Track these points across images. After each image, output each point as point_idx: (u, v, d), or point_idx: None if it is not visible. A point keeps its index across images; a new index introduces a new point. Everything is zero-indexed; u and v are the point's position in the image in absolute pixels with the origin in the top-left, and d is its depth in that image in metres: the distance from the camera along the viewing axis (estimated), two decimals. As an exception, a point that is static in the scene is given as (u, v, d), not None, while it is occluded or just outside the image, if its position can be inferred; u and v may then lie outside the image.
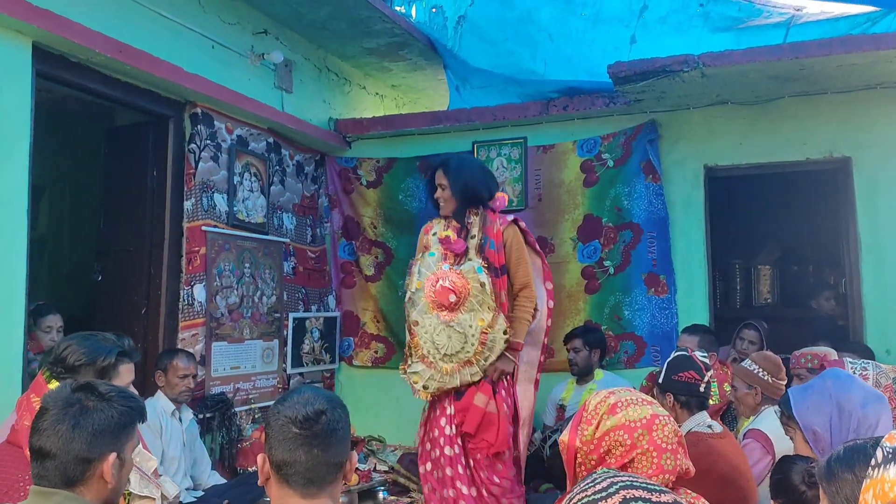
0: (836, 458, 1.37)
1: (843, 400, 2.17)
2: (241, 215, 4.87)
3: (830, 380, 2.26)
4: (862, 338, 4.66)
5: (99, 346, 2.40)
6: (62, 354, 2.32)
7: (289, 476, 1.55)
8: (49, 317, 3.96)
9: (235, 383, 4.79)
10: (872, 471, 1.20)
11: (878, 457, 1.21)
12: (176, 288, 4.45)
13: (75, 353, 2.33)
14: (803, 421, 2.20)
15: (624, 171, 5.18)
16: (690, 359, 2.92)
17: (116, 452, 1.68)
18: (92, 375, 2.30)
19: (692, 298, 5.02)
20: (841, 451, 1.38)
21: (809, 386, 2.30)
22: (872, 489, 1.18)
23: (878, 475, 1.18)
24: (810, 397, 2.23)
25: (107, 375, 2.38)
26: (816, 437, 2.16)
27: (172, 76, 4.19)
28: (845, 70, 4.32)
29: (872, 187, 4.70)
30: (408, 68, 6.27)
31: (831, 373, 2.34)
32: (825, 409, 2.17)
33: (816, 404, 2.20)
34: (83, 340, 2.42)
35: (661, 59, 4.35)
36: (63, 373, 2.30)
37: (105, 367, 2.37)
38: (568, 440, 1.80)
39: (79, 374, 2.30)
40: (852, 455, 1.34)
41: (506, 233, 3.78)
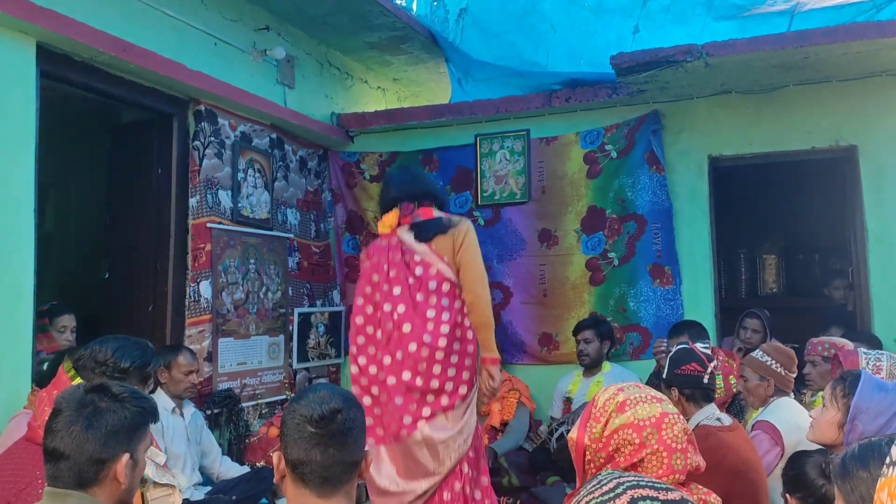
0: (851, 456, 1.35)
1: None
2: (245, 211, 4.88)
3: None
4: (870, 326, 4.65)
5: (147, 353, 2.44)
6: (112, 358, 2.30)
7: (304, 475, 1.56)
8: (64, 316, 3.96)
9: (242, 379, 4.80)
10: (887, 469, 1.19)
11: (894, 455, 1.19)
12: (182, 285, 4.46)
13: (129, 357, 2.33)
14: (854, 412, 2.11)
15: (627, 162, 5.17)
16: (692, 351, 2.92)
17: (129, 453, 1.69)
18: (137, 379, 2.33)
19: (697, 289, 5.02)
20: (856, 449, 1.36)
21: (885, 388, 2.18)
22: (888, 488, 1.16)
23: (892, 473, 1.17)
24: (879, 400, 2.12)
25: (149, 380, 2.43)
26: (854, 432, 2.09)
27: (176, 74, 4.19)
28: (850, 58, 4.29)
29: (879, 175, 4.68)
30: (409, 62, 6.26)
31: None
32: (882, 419, 2.09)
33: (880, 410, 2.10)
34: (127, 343, 2.42)
35: (665, 50, 4.33)
36: (115, 374, 2.29)
37: (150, 373, 2.43)
38: (577, 437, 1.79)
39: (130, 376, 2.31)
40: (867, 453, 1.32)
41: None
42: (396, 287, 3.22)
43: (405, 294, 3.19)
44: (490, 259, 5.51)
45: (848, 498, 1.31)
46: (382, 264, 3.29)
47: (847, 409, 2.13)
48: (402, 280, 3.22)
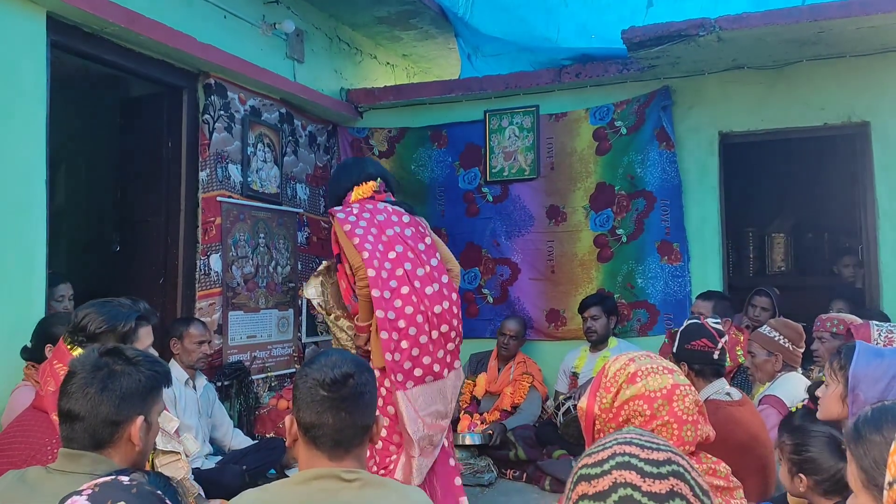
0: (864, 420, 1.35)
1: None
2: (255, 186, 4.89)
3: None
4: (878, 304, 4.64)
5: (118, 312, 2.42)
6: (82, 323, 2.34)
7: (316, 438, 1.58)
8: (60, 286, 3.98)
9: (252, 352, 4.84)
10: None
11: None
12: (192, 258, 4.48)
13: (95, 321, 2.35)
14: (853, 382, 2.11)
15: (637, 138, 5.14)
16: (703, 326, 2.91)
17: (143, 415, 1.72)
18: (113, 341, 2.33)
19: (705, 266, 5.01)
20: (869, 413, 1.36)
21: (881, 354, 2.18)
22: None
23: None
24: (875, 366, 2.12)
25: (128, 340, 2.41)
26: (856, 402, 2.08)
27: (185, 46, 4.18)
28: (865, 33, 4.24)
29: (891, 152, 4.64)
30: (419, 37, 6.22)
31: None
32: (882, 384, 2.08)
33: (878, 376, 2.09)
34: (101, 307, 2.44)
35: (677, 24, 4.28)
36: (85, 341, 2.32)
37: (126, 332, 2.40)
38: (587, 406, 1.79)
39: (100, 341, 2.31)
40: (881, 416, 1.32)
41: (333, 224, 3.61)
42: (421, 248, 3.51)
43: (423, 258, 3.49)
44: (498, 235, 5.52)
45: (861, 462, 1.31)
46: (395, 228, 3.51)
47: (846, 380, 2.13)
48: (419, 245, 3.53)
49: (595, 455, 1.05)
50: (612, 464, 1.02)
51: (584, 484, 1.02)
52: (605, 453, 1.04)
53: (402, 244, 3.46)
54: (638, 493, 0.98)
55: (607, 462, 1.03)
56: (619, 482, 0.99)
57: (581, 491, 1.02)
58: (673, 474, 1.01)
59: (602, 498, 0.99)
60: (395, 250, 3.42)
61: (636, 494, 0.98)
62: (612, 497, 0.98)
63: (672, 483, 1.00)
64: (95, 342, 2.31)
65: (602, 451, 1.05)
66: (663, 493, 0.99)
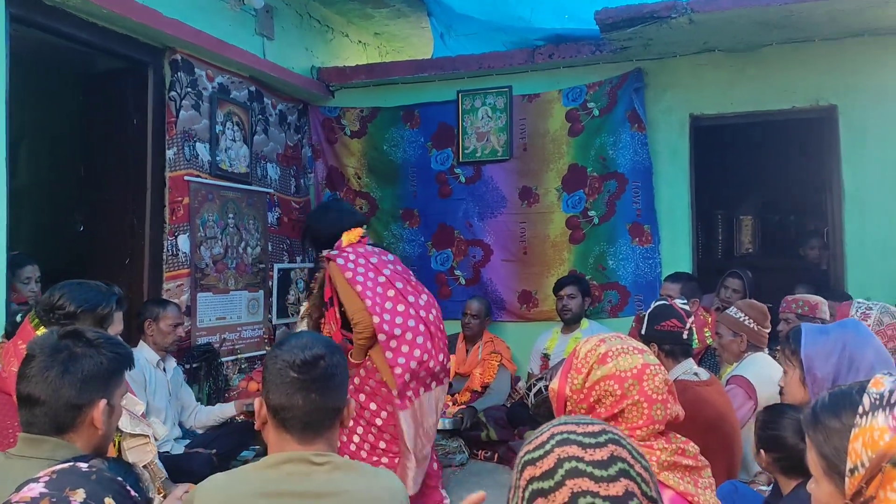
0: (822, 406, 1.31)
1: (856, 356, 2.10)
2: (224, 165, 4.81)
3: (850, 332, 2.17)
4: (843, 285, 4.72)
5: (98, 294, 2.41)
6: (59, 302, 2.32)
7: (286, 420, 1.55)
8: (27, 267, 3.89)
9: (221, 334, 4.79)
10: (860, 419, 1.19)
11: (866, 404, 1.20)
12: (160, 238, 4.40)
13: (75, 300, 2.33)
14: (808, 363, 2.14)
15: (609, 120, 5.15)
16: (671, 307, 2.94)
17: (106, 399, 1.68)
18: (90, 322, 2.32)
19: (676, 248, 5.06)
20: (826, 398, 1.32)
21: (826, 331, 2.21)
22: (861, 438, 1.17)
23: (866, 423, 1.18)
24: (823, 342, 2.15)
25: (105, 323, 2.39)
26: (815, 382, 2.11)
27: (150, 20, 4.07)
28: (834, 16, 4.28)
29: (858, 136, 4.71)
30: (391, 15, 6.14)
31: (853, 325, 2.24)
32: (834, 358, 2.10)
33: (827, 351, 2.12)
34: (79, 288, 2.41)
35: (649, 5, 4.29)
36: (62, 319, 2.30)
37: (105, 314, 2.39)
38: (558, 388, 1.79)
39: (78, 320, 2.31)
40: (838, 402, 1.28)
41: (329, 268, 3.61)
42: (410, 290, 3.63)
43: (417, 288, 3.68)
44: (471, 216, 5.51)
45: (821, 449, 1.28)
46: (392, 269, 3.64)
47: (801, 363, 2.17)
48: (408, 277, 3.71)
49: (535, 441, 1.10)
50: (552, 443, 1.06)
51: (531, 468, 1.06)
52: (544, 436, 1.09)
53: (399, 279, 3.59)
54: (582, 464, 1.03)
55: (548, 443, 1.07)
56: (562, 457, 1.04)
57: (528, 475, 1.06)
58: (611, 441, 1.06)
59: (550, 476, 1.03)
60: (394, 287, 3.53)
61: (580, 465, 1.03)
62: (559, 472, 1.03)
63: (612, 449, 1.05)
64: (74, 321, 2.28)
65: (540, 435, 1.10)
66: (605, 460, 1.04)
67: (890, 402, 1.17)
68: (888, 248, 4.63)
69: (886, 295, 4.46)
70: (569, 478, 1.02)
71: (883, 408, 1.17)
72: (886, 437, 1.13)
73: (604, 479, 1.02)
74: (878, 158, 4.66)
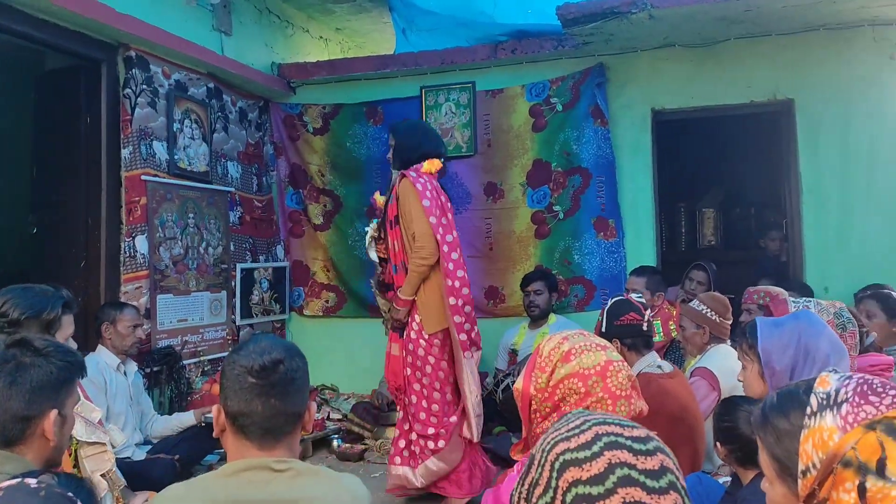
0: (771, 407, 1.29)
1: (811, 346, 2.12)
2: (182, 164, 4.71)
3: (804, 323, 2.19)
4: (802, 276, 4.80)
5: (43, 299, 2.35)
6: (2, 309, 2.25)
7: (245, 427, 1.51)
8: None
9: (183, 336, 4.70)
10: (809, 420, 1.18)
11: (813, 404, 1.19)
12: (116, 240, 4.30)
13: (19, 307, 2.27)
14: (765, 357, 2.15)
15: (573, 115, 5.16)
16: (628, 301, 2.97)
17: (57, 409, 1.63)
18: (37, 329, 2.26)
19: (640, 242, 5.09)
20: (774, 399, 1.30)
21: (780, 323, 2.22)
22: (811, 439, 1.16)
23: (815, 424, 1.17)
24: (779, 335, 2.16)
25: (52, 328, 2.33)
26: (774, 375, 2.12)
27: (103, 16, 3.97)
28: (790, 11, 4.34)
29: (814, 129, 4.79)
30: (352, 10, 6.08)
31: (805, 316, 2.26)
32: (791, 350, 2.12)
33: (784, 344, 2.13)
34: (23, 293, 2.35)
35: (610, 1, 4.30)
36: (6, 327, 2.24)
37: (51, 319, 2.33)
38: (522, 387, 1.78)
39: (23, 327, 2.25)
40: (786, 402, 1.26)
41: (399, 185, 3.75)
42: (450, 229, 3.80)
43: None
44: (436, 213, 5.47)
45: (772, 451, 1.26)
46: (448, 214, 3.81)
47: (759, 357, 2.18)
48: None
49: (575, 437, 1.01)
50: (600, 445, 0.99)
51: (575, 469, 0.98)
52: (588, 435, 1.01)
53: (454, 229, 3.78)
54: (635, 472, 0.96)
55: (595, 444, 0.99)
56: (614, 463, 0.97)
57: (571, 477, 0.97)
58: (659, 450, 1.00)
59: (600, 481, 0.96)
60: (451, 234, 3.72)
61: (633, 473, 0.96)
62: (611, 479, 0.95)
63: (661, 459, 0.99)
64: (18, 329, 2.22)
65: (580, 432, 1.02)
66: (657, 470, 0.97)
67: (837, 402, 1.16)
68: (844, 239, 4.71)
69: (844, 284, 4.57)
70: (621, 486, 0.95)
71: (830, 407, 1.16)
72: (836, 437, 1.12)
73: (655, 490, 0.96)
74: (834, 151, 4.75)
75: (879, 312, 3.48)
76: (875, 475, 1.01)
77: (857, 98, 4.71)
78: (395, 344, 3.82)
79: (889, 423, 1.04)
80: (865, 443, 1.04)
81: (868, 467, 1.02)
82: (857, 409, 1.14)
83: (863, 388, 1.17)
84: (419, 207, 3.62)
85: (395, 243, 3.76)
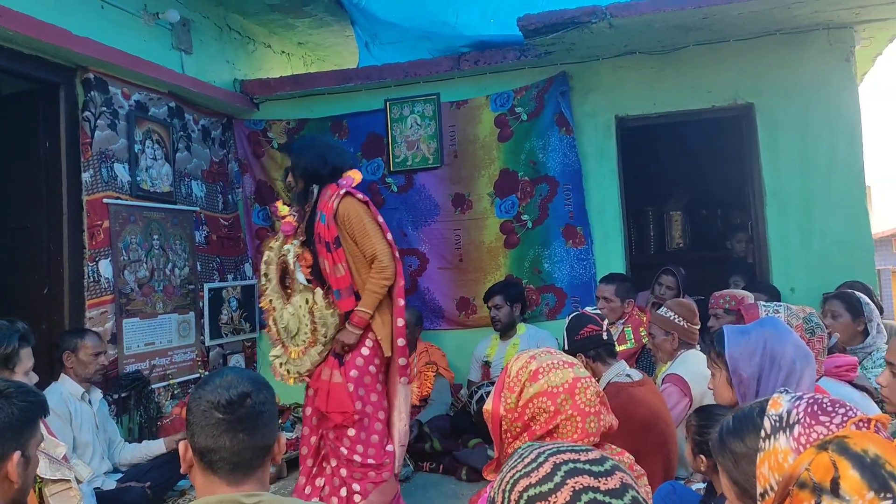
0: (727, 431, 1.30)
1: (777, 352, 2.13)
2: (145, 185, 4.65)
3: (769, 330, 2.20)
4: (768, 277, 4.88)
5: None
6: None
7: (213, 463, 1.48)
8: None
9: (151, 360, 4.62)
10: (763, 442, 1.19)
11: (767, 427, 1.20)
12: (79, 264, 4.23)
13: None
14: (733, 364, 2.17)
15: (538, 124, 5.19)
16: (584, 315, 3.01)
17: (20, 450, 1.59)
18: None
19: (608, 247, 5.13)
20: (730, 422, 1.31)
21: (747, 331, 2.24)
22: (767, 462, 1.17)
23: (769, 446, 1.18)
24: (745, 342, 2.17)
25: (11, 362, 2.28)
26: (742, 382, 2.14)
27: (59, 40, 3.90)
28: (746, 17, 4.42)
29: (774, 132, 4.87)
30: (314, 25, 6.06)
31: (771, 323, 2.27)
32: (757, 357, 2.13)
33: (750, 351, 2.15)
34: None
35: (570, 11, 4.35)
36: None
37: (8, 353, 2.28)
38: (493, 408, 1.78)
39: None
40: (741, 426, 1.28)
41: (340, 205, 3.40)
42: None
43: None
44: (405, 225, 5.47)
45: (731, 474, 1.28)
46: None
47: (726, 364, 2.20)
48: None
49: (535, 473, 1.04)
50: (561, 475, 1.02)
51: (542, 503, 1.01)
52: (546, 467, 1.04)
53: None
54: (599, 494, 1.00)
55: (555, 475, 1.03)
56: (578, 489, 1.00)
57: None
58: (616, 468, 1.05)
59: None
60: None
61: (598, 496, 1.00)
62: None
63: (620, 476, 1.04)
64: None
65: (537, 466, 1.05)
66: (618, 488, 1.02)
67: (789, 423, 1.18)
68: (807, 240, 4.80)
69: (808, 284, 4.64)
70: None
71: (783, 429, 1.18)
72: (790, 458, 1.13)
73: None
74: (794, 153, 4.83)
75: (844, 313, 3.53)
76: (830, 495, 1.03)
77: (814, 100, 4.80)
78: (335, 371, 3.39)
79: (840, 442, 1.06)
80: (818, 463, 1.05)
81: (823, 487, 1.04)
82: (809, 430, 1.15)
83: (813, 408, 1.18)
84: (375, 226, 3.39)
85: (337, 266, 3.38)
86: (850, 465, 1.03)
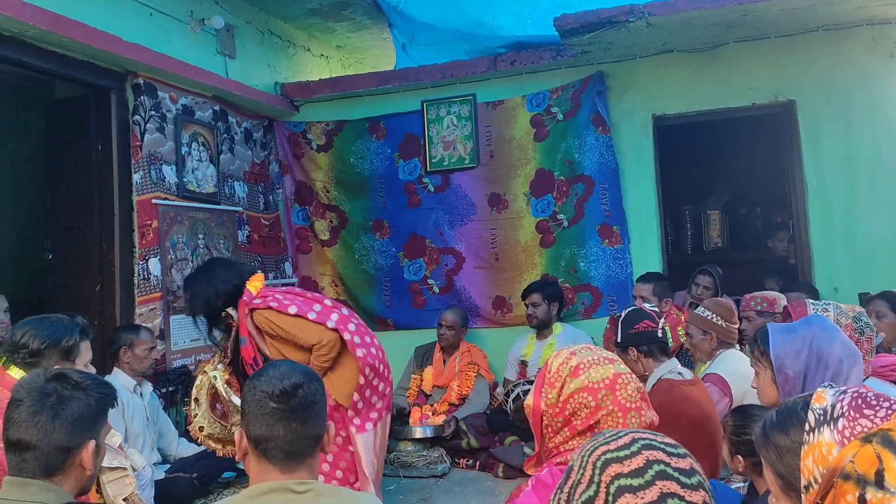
0: (771, 425, 1.32)
1: (824, 351, 2.10)
2: (191, 186, 4.78)
3: (816, 328, 2.17)
4: (810, 277, 4.82)
5: (60, 328, 2.40)
6: (22, 341, 2.31)
7: (268, 451, 1.56)
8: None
9: (196, 356, 4.75)
10: (808, 436, 1.21)
11: (811, 420, 1.22)
12: (130, 263, 4.37)
13: (38, 337, 2.33)
14: (778, 363, 2.14)
15: (574, 123, 5.21)
16: (641, 310, 3.01)
17: (94, 439, 1.69)
18: (57, 357, 2.32)
19: (645, 247, 5.12)
20: (774, 417, 1.33)
21: (793, 329, 2.21)
22: (811, 455, 1.19)
23: (814, 440, 1.20)
24: (792, 341, 2.15)
25: (72, 355, 2.39)
26: (787, 381, 2.12)
27: (111, 46, 4.04)
28: (787, 14, 4.38)
29: (816, 129, 4.82)
30: (352, 28, 6.15)
31: (818, 321, 2.23)
32: (803, 356, 2.11)
33: (796, 349, 2.12)
34: (40, 324, 2.41)
35: (607, 10, 4.35)
36: (28, 358, 2.31)
37: (70, 346, 2.39)
38: (533, 404, 1.81)
39: (44, 357, 2.31)
40: (785, 420, 1.30)
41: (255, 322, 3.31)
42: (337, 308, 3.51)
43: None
44: (441, 225, 5.54)
45: (775, 468, 1.30)
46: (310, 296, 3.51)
47: (771, 363, 2.18)
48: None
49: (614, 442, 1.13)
50: (637, 446, 1.11)
51: (616, 465, 1.10)
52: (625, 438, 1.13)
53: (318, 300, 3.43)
54: (670, 469, 1.09)
55: (632, 445, 1.12)
56: (651, 459, 1.09)
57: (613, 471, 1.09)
58: (688, 455, 1.13)
59: (640, 474, 1.08)
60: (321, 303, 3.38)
61: (668, 469, 1.09)
62: (650, 472, 1.08)
63: (691, 461, 1.11)
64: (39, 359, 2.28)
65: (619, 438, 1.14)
66: (688, 469, 1.10)
67: (833, 417, 1.19)
68: (851, 239, 4.74)
69: (851, 285, 4.58)
70: (658, 479, 1.07)
71: (827, 423, 1.19)
72: (834, 451, 1.15)
73: (688, 486, 1.07)
74: (837, 150, 4.77)
75: (889, 312, 3.48)
76: (874, 486, 1.04)
77: (858, 97, 4.74)
78: None
79: (884, 434, 1.07)
80: (863, 455, 1.07)
81: (867, 479, 1.05)
82: (853, 423, 1.17)
83: (857, 402, 1.20)
84: (292, 321, 3.25)
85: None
86: (894, 457, 1.04)
